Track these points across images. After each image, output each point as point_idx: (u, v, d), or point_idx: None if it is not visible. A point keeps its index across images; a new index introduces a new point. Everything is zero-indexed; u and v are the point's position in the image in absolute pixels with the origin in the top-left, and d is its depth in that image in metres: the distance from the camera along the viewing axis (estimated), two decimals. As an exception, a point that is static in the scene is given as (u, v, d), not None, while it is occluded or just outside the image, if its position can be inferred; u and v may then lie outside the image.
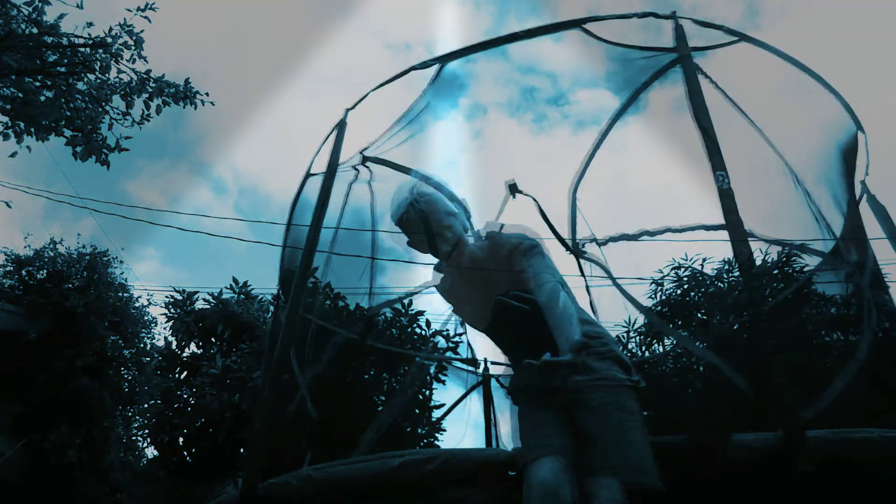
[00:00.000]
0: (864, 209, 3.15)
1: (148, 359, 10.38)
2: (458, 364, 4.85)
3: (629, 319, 5.25)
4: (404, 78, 2.86)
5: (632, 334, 5.18)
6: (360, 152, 3.32)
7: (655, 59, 2.72)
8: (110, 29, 5.14)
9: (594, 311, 4.62)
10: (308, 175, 3.23)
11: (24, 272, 9.92)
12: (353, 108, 2.98)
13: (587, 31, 2.51)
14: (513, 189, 1.84)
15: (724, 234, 2.02)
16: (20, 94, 4.92)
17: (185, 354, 9.85)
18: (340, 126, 2.92)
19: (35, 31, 4.92)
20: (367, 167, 3.47)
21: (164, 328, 10.20)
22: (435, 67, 2.67)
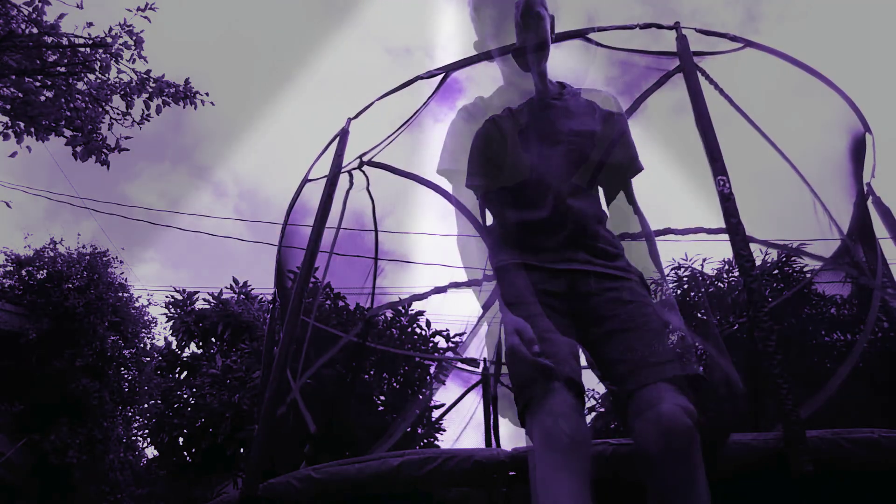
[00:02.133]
0: (870, 211, 3.15)
1: (148, 359, 10.39)
2: (458, 364, 4.85)
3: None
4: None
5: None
6: (359, 157, 3.32)
7: (657, 64, 2.71)
8: (110, 29, 5.15)
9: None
10: (306, 180, 3.22)
11: (24, 272, 9.93)
12: (355, 117, 2.95)
13: (588, 40, 2.51)
14: None
15: (725, 236, 2.01)
16: (20, 94, 4.93)
17: (185, 354, 9.88)
18: (342, 134, 2.90)
19: (35, 31, 4.93)
20: (364, 172, 3.47)
21: (164, 328, 10.22)
22: (438, 75, 2.65)
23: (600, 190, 1.68)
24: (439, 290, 3.75)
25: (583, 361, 1.38)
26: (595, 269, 1.42)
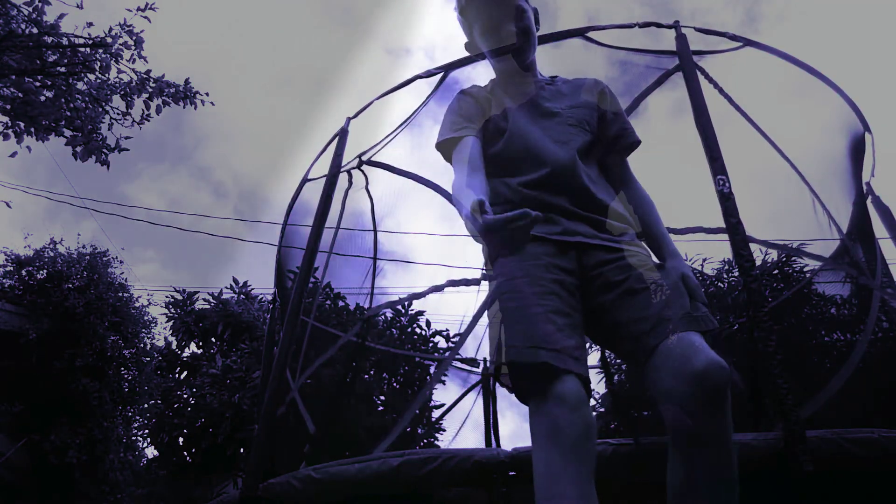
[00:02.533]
0: (869, 211, 3.15)
1: (148, 359, 10.39)
2: (458, 364, 4.85)
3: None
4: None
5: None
6: (359, 156, 3.32)
7: (657, 63, 2.71)
8: (110, 29, 5.15)
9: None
10: (305, 180, 3.22)
11: (24, 272, 9.92)
12: (354, 116, 2.96)
13: (589, 39, 2.51)
14: None
15: (725, 236, 2.01)
16: (20, 94, 4.93)
17: (185, 354, 9.89)
18: (342, 134, 2.90)
19: (35, 31, 4.92)
20: (363, 171, 3.47)
21: (164, 328, 10.21)
22: (437, 74, 2.65)
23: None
24: (437, 288, 3.74)
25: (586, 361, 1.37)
26: (602, 244, 1.41)
